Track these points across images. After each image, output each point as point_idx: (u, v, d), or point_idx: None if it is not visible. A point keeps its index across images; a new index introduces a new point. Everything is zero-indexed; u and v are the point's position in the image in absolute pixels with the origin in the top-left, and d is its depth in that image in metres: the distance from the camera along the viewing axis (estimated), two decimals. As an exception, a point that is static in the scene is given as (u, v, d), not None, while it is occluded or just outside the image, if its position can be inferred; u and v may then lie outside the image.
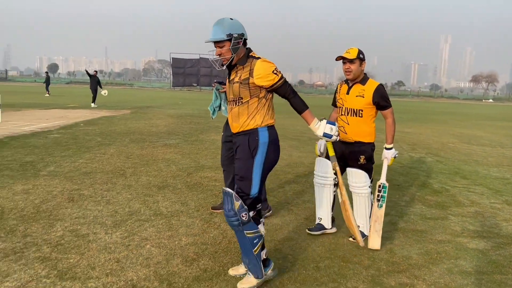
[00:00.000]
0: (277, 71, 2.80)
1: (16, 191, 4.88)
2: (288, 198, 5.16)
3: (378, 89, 3.65)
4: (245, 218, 2.75)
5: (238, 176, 2.85)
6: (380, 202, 3.70)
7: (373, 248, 3.62)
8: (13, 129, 10.05)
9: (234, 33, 2.78)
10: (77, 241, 3.50)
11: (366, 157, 3.73)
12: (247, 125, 2.84)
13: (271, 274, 2.97)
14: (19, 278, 2.85)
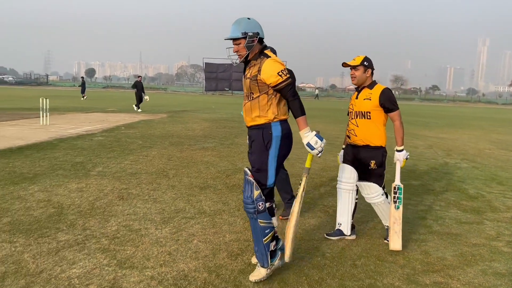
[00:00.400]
0: (282, 73, 2.95)
1: (71, 189, 5.29)
2: (324, 200, 5.35)
3: (383, 91, 3.79)
4: (261, 207, 2.99)
5: (254, 169, 3.08)
6: (397, 203, 3.80)
7: (395, 249, 3.72)
8: (60, 132, 10.67)
9: (249, 31, 3.01)
10: (131, 235, 3.83)
11: (377, 162, 3.83)
12: (260, 119, 3.05)
13: (278, 264, 3.15)
14: (84, 265, 3.18)
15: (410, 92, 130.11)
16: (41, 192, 5.07)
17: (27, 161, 6.87)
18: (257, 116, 3.05)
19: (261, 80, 2.99)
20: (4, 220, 4.06)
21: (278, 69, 2.97)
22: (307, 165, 3.24)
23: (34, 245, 3.52)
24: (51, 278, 2.97)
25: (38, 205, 4.59)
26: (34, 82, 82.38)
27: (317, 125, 16.01)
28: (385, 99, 3.76)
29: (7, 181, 5.54)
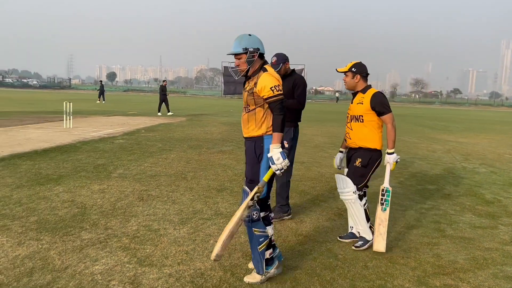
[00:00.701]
0: (275, 88, 3.04)
1: (94, 190, 5.50)
2: (338, 204, 5.42)
3: (375, 95, 3.89)
4: (255, 216, 3.08)
5: (247, 180, 3.19)
6: (384, 206, 3.84)
7: (378, 251, 3.77)
8: (83, 135, 10.99)
9: (250, 47, 3.13)
10: (150, 235, 3.99)
11: (362, 161, 3.90)
12: (254, 132, 3.15)
13: (274, 272, 3.21)
14: (106, 262, 3.35)
15: (430, 95, 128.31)
16: (65, 193, 5.29)
17: (51, 163, 7.14)
18: (252, 129, 3.16)
19: (256, 93, 3.09)
20: (31, 219, 4.27)
21: (272, 84, 3.05)
22: (264, 179, 3.10)
23: (59, 242, 3.71)
24: (75, 273, 3.14)
25: (63, 205, 4.80)
26: (57, 86, 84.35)
27: (334, 129, 16.10)
28: (376, 102, 3.85)
29: (34, 182, 5.79)
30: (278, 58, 4.66)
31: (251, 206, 3.05)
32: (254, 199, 3.03)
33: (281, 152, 3.01)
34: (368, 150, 3.91)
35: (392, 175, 7.17)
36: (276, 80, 3.10)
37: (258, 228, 3.12)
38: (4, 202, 4.82)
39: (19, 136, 10.33)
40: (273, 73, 3.17)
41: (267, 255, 3.16)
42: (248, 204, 3.04)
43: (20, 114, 17.40)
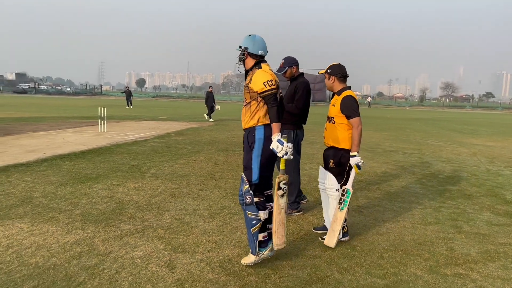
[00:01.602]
0: (267, 83, 3.30)
1: (130, 188, 5.93)
2: (359, 202, 5.67)
3: (344, 99, 4.03)
4: (248, 200, 3.38)
5: (243, 167, 3.51)
6: (342, 205, 4.00)
7: (328, 245, 3.93)
8: (117, 138, 11.57)
9: (242, 46, 3.51)
10: (182, 227, 4.36)
11: (335, 161, 4.10)
12: (248, 123, 3.45)
13: (267, 254, 3.51)
14: (144, 249, 3.73)
15: (461, 99, 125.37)
16: (104, 190, 5.75)
17: (89, 163, 7.65)
18: (247, 121, 3.46)
19: (251, 88, 3.39)
20: (76, 212, 4.72)
21: (265, 79, 3.33)
22: (281, 167, 3.46)
23: (102, 232, 4.12)
24: (118, 257, 3.54)
25: (103, 200, 5.25)
26: (89, 92, 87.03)
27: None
28: (344, 106, 4.01)
29: (75, 180, 6.28)
30: (285, 62, 4.94)
31: (284, 194, 3.38)
32: (281, 187, 3.35)
33: (278, 139, 3.25)
34: (338, 150, 4.08)
35: (413, 176, 7.35)
36: (268, 75, 3.35)
37: (251, 211, 3.42)
38: (51, 197, 5.30)
39: (58, 139, 10.99)
40: (267, 69, 3.43)
41: (260, 238, 3.48)
42: (279, 194, 3.36)
43: (57, 119, 18.28)
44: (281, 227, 3.40)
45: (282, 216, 3.41)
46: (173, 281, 3.15)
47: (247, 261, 3.49)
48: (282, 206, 3.40)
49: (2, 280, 3.05)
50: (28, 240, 3.83)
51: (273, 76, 3.42)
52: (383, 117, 31.49)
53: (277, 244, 3.44)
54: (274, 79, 3.39)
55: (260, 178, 3.45)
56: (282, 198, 3.39)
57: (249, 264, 3.46)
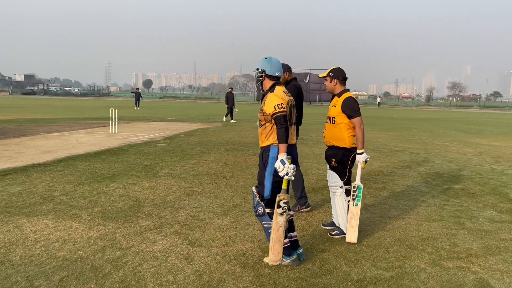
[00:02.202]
0: (277, 107, 3.49)
1: (145, 187, 6.18)
2: (366, 200, 5.87)
3: (345, 99, 4.26)
4: (260, 211, 3.59)
5: (258, 182, 3.70)
6: (356, 201, 4.21)
7: (350, 241, 4.14)
8: (128, 139, 11.85)
9: (260, 68, 3.72)
10: (198, 223, 4.60)
11: (337, 160, 4.32)
12: (264, 143, 3.66)
13: (289, 263, 3.55)
14: (163, 243, 3.97)
15: (468, 99, 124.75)
16: (120, 189, 6.00)
17: (104, 163, 7.92)
18: (262, 140, 3.68)
19: (264, 111, 3.60)
20: (96, 209, 4.98)
21: (276, 102, 3.52)
22: (283, 187, 3.54)
23: (122, 228, 4.37)
24: (139, 251, 3.78)
25: (120, 198, 5.50)
26: (97, 94, 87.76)
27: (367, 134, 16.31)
28: (345, 106, 4.24)
29: (92, 179, 6.54)
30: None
31: (283, 212, 3.52)
32: (281, 206, 3.50)
33: (281, 160, 3.42)
34: (339, 149, 4.30)
35: (419, 175, 7.57)
36: (279, 99, 3.55)
37: (265, 221, 3.63)
38: (70, 195, 5.56)
39: (71, 140, 11.28)
40: (279, 93, 3.62)
41: None
42: (278, 212, 3.51)
43: (68, 120, 18.63)
44: (277, 244, 3.52)
45: (280, 234, 3.52)
46: (192, 272, 3.38)
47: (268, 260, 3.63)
48: (280, 224, 3.51)
49: (34, 271, 3.30)
50: (54, 235, 4.09)
51: (284, 100, 3.60)
52: (389, 117, 31.59)
53: (272, 260, 3.54)
54: (285, 102, 3.59)
55: (272, 194, 3.63)
56: (281, 216, 3.50)
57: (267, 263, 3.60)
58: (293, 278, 3.34)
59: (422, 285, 3.29)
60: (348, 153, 4.28)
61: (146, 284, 3.15)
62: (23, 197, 5.40)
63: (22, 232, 4.14)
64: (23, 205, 5.05)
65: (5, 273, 3.25)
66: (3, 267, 3.35)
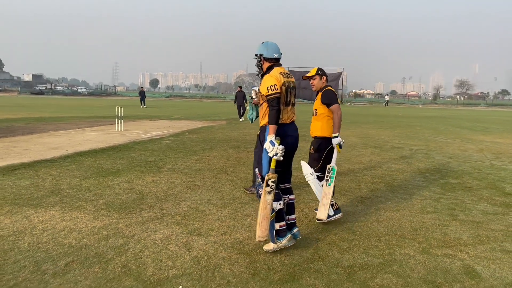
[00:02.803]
0: (270, 88, 3.63)
1: (148, 181, 6.37)
2: (363, 193, 6.02)
3: (324, 91, 4.66)
4: (261, 192, 3.69)
5: (257, 161, 3.91)
6: (329, 181, 4.51)
7: (320, 218, 4.45)
8: (133, 136, 12.07)
9: (257, 53, 3.92)
10: (198, 214, 4.78)
11: (315, 147, 4.70)
12: (261, 122, 3.87)
13: (285, 243, 3.79)
14: (164, 232, 4.15)
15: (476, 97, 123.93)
16: (124, 183, 6.19)
17: (109, 159, 8.13)
18: (261, 120, 3.88)
19: (260, 91, 3.78)
20: (100, 202, 5.17)
21: (270, 83, 3.65)
22: (272, 166, 3.66)
23: (125, 218, 4.56)
24: (141, 239, 3.96)
25: (124, 192, 5.69)
26: (104, 93, 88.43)
27: (368, 131, 16.48)
28: (323, 97, 4.62)
29: (97, 174, 6.74)
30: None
31: (271, 191, 3.66)
32: (269, 185, 3.64)
33: (271, 141, 3.56)
34: (319, 138, 4.67)
35: (417, 170, 7.70)
36: (273, 80, 3.66)
37: None
38: (76, 189, 5.76)
39: (78, 137, 11.52)
40: (274, 74, 3.73)
41: (277, 227, 3.78)
42: (267, 190, 3.65)
43: (75, 119, 18.91)
44: (265, 221, 3.64)
45: (267, 211, 3.64)
46: (190, 258, 3.56)
47: (267, 248, 3.80)
48: (268, 202, 3.64)
49: (41, 257, 3.49)
50: (60, 225, 4.28)
51: (279, 81, 3.70)
52: (394, 115, 31.60)
53: (259, 236, 3.61)
54: (279, 83, 3.69)
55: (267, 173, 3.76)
56: (269, 194, 3.63)
57: (269, 250, 3.76)
58: (286, 264, 3.50)
59: (410, 270, 3.44)
60: (325, 143, 4.60)
61: (146, 269, 3.33)
62: (31, 190, 5.61)
63: (30, 222, 4.34)
64: (31, 198, 5.25)
65: (14, 258, 3.45)
66: (12, 253, 3.55)
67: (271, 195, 3.66)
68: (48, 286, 3.01)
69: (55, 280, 3.10)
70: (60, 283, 3.06)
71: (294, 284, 3.15)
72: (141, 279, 3.16)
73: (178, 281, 3.15)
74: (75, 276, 3.17)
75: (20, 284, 3.02)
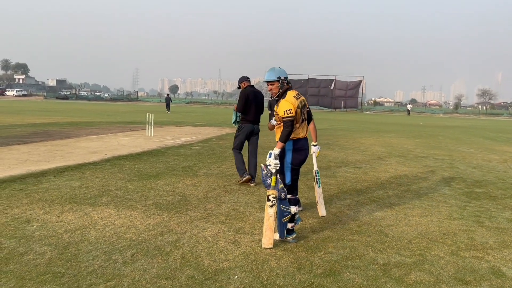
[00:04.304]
0: (286, 112, 4.20)
1: (188, 184, 6.83)
2: (392, 200, 6.34)
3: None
4: (283, 196, 4.22)
5: (280, 172, 4.35)
6: (318, 183, 5.26)
7: (322, 215, 5.14)
8: (165, 142, 12.61)
9: (282, 76, 4.43)
10: (239, 215, 5.19)
11: None
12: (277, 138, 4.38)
13: (291, 240, 4.30)
14: (212, 230, 4.58)
15: (499, 107, 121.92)
16: (166, 186, 6.66)
17: (147, 163, 8.63)
18: (277, 137, 4.40)
19: (278, 113, 4.33)
20: (148, 202, 5.63)
21: (287, 108, 4.23)
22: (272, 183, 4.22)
23: (174, 217, 5.00)
24: (192, 236, 4.39)
25: (168, 193, 6.15)
26: (125, 98, 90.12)
27: (391, 140, 16.68)
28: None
29: (139, 177, 7.23)
30: (239, 80, 7.28)
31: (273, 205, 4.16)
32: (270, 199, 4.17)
33: (271, 152, 4.18)
34: None
35: (442, 179, 8.00)
36: (289, 105, 4.24)
37: (284, 205, 4.26)
38: (124, 190, 6.25)
39: (112, 142, 12.11)
40: (290, 99, 4.31)
41: (289, 226, 4.33)
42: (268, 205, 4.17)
43: (105, 124, 19.64)
44: (268, 231, 4.14)
45: (270, 222, 4.13)
46: (240, 253, 3.97)
47: (275, 237, 4.30)
48: (270, 214, 4.15)
49: (109, 248, 3.95)
50: (118, 222, 4.75)
51: (294, 105, 4.26)
52: (416, 125, 31.59)
53: (264, 243, 4.14)
54: (294, 108, 4.24)
55: (292, 181, 4.40)
56: (271, 208, 4.17)
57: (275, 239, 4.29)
58: (326, 260, 3.87)
59: (440, 269, 3.78)
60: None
61: (203, 261, 3.75)
62: (84, 191, 6.11)
63: (91, 219, 4.82)
64: (85, 197, 5.75)
65: (86, 249, 3.91)
66: (84, 244, 4.02)
67: (273, 209, 4.18)
68: (121, 272, 3.45)
69: (126, 268, 3.54)
70: (131, 270, 3.50)
71: (336, 277, 3.52)
72: (200, 269, 3.57)
73: (233, 271, 3.55)
74: (143, 265, 3.60)
75: (97, 270, 3.47)
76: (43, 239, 4.12)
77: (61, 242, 4.07)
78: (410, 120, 40.97)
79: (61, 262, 3.59)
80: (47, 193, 5.90)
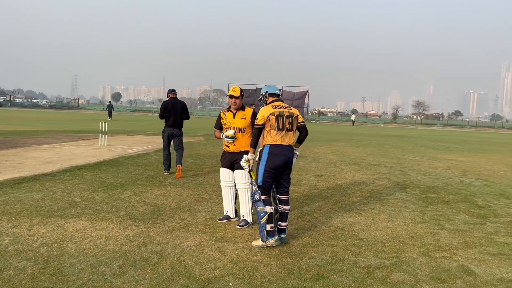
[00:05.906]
0: (256, 119, 4.68)
1: (157, 194, 6.74)
2: (358, 206, 6.63)
3: (253, 113, 5.24)
4: (257, 197, 4.51)
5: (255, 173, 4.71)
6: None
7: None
8: (120, 151, 12.28)
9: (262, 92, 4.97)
10: (217, 224, 5.22)
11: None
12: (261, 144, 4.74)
13: (272, 242, 4.43)
14: (194, 240, 4.57)
15: (432, 117, 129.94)
16: (135, 196, 6.53)
17: (108, 174, 8.39)
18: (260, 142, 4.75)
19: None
20: (122, 213, 5.51)
21: (258, 116, 4.69)
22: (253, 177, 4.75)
23: (152, 227, 4.94)
24: (176, 245, 4.36)
25: (139, 204, 6.04)
26: (66, 106, 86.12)
27: (342, 148, 17.29)
28: (253, 117, 5.15)
29: (104, 188, 7.03)
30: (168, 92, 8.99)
31: None
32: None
33: (245, 155, 4.81)
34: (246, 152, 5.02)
35: (398, 186, 8.38)
36: (261, 114, 4.64)
37: (260, 206, 4.49)
38: (92, 201, 6.06)
39: (65, 152, 11.61)
40: (267, 106, 4.73)
41: (268, 228, 4.46)
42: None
43: (51, 133, 18.73)
44: None
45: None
46: (228, 261, 4.01)
47: (256, 243, 4.47)
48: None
49: (93, 261, 3.84)
50: (96, 233, 4.62)
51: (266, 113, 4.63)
52: (361, 134, 32.95)
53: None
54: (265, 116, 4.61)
55: (264, 182, 4.58)
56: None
57: (257, 246, 4.43)
58: (312, 265, 4.01)
59: (417, 269, 4.04)
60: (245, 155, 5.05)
61: (193, 270, 3.75)
62: (49, 203, 5.85)
63: (65, 231, 4.65)
64: (52, 209, 5.52)
65: (69, 262, 3.78)
66: (65, 258, 3.88)
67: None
68: (113, 285, 3.38)
69: (117, 280, 3.47)
70: (123, 282, 3.44)
71: (325, 281, 3.67)
72: (193, 278, 3.58)
73: (226, 279, 3.59)
74: (133, 277, 3.55)
75: (87, 283, 3.37)
76: (19, 254, 3.94)
77: (39, 256, 3.90)
78: (355, 130, 42.62)
79: (46, 277, 3.46)
80: (9, 206, 5.60)
